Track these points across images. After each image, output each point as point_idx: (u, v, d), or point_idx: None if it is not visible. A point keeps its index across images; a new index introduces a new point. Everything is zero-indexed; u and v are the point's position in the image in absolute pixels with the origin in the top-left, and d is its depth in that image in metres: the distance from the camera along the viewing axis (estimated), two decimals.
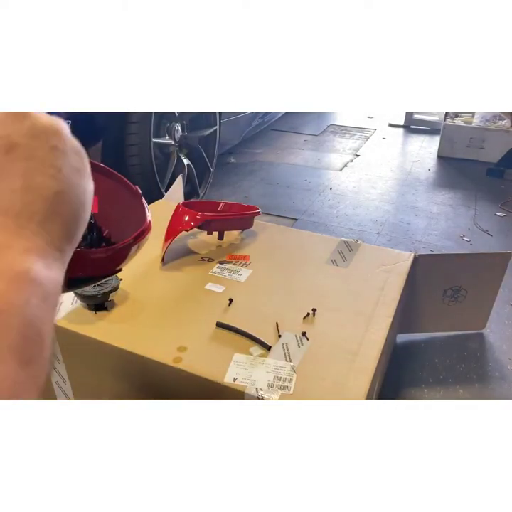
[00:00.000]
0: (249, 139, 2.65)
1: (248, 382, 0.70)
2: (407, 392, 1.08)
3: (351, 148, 2.85)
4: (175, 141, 1.77)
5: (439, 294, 1.17)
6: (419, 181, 2.39)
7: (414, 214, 2.02)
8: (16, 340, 0.21)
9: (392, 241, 1.78)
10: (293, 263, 1.05)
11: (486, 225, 1.94)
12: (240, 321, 0.82)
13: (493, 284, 1.19)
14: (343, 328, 0.84)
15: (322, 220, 1.93)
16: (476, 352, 1.21)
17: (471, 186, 2.31)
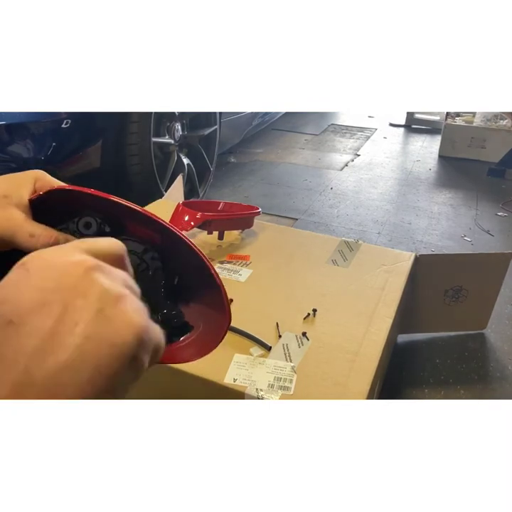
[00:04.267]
0: (249, 138, 2.65)
1: (248, 383, 0.70)
2: (407, 393, 1.08)
3: (352, 148, 2.84)
4: (175, 140, 1.77)
5: (440, 294, 1.17)
6: (420, 181, 2.38)
7: (415, 214, 2.02)
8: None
9: (392, 241, 1.78)
10: (293, 263, 1.05)
11: (487, 225, 1.93)
12: (240, 321, 0.82)
13: (494, 284, 1.19)
14: (343, 328, 0.84)
15: (322, 220, 1.93)
16: (477, 352, 1.21)
17: (472, 186, 2.31)
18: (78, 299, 0.24)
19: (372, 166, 2.57)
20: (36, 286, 0.24)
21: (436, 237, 1.82)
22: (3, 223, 0.38)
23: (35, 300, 0.24)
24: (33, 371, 0.23)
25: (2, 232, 0.38)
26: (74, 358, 0.23)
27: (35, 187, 0.41)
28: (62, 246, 0.27)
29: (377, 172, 2.48)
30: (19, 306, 0.24)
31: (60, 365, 0.23)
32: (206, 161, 1.97)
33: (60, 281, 0.25)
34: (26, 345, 0.23)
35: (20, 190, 0.40)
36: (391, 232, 1.85)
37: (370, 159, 2.66)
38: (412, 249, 1.71)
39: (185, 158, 1.86)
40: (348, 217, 1.97)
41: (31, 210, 0.40)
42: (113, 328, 0.24)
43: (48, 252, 0.26)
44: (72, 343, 0.23)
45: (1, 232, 0.38)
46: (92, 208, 0.41)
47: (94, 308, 0.24)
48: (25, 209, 0.40)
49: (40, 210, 0.40)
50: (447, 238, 1.82)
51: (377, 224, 1.91)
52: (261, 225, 1.20)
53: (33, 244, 0.39)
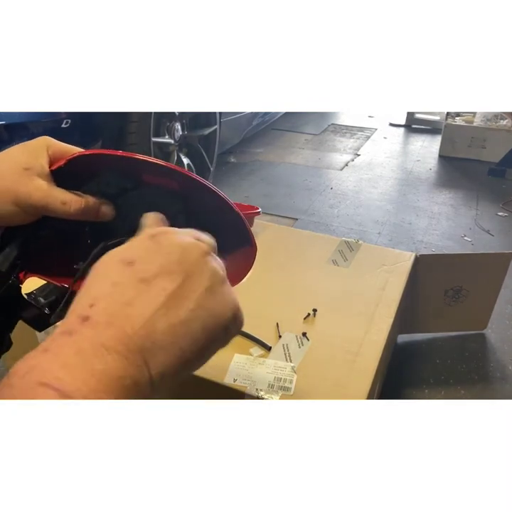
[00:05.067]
0: (249, 138, 2.65)
1: (248, 383, 0.70)
2: (408, 393, 1.08)
3: (352, 148, 2.84)
4: (175, 140, 1.77)
5: (440, 294, 1.17)
6: (420, 181, 2.38)
7: (416, 214, 2.02)
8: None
9: (393, 241, 1.78)
10: (293, 263, 1.05)
11: (488, 225, 1.93)
12: None
13: (494, 284, 1.19)
14: (343, 328, 0.84)
15: (323, 220, 1.93)
16: (477, 352, 1.21)
17: (473, 186, 2.31)
18: (195, 274, 0.30)
19: (373, 165, 2.57)
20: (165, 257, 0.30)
21: (436, 237, 1.82)
22: (34, 194, 0.41)
23: (163, 267, 0.30)
24: (154, 324, 0.28)
25: (34, 203, 0.41)
26: (188, 318, 0.29)
27: (48, 154, 0.43)
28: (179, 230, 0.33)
29: (378, 172, 2.48)
30: (149, 269, 0.30)
31: (177, 319, 0.29)
32: (206, 160, 1.97)
33: (183, 256, 0.31)
34: (154, 301, 0.29)
35: (39, 160, 0.43)
36: (391, 232, 1.85)
37: (371, 159, 2.66)
38: (413, 249, 1.71)
39: (185, 158, 1.86)
40: (348, 217, 1.97)
41: (52, 177, 0.43)
42: (217, 302, 0.31)
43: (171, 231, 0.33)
44: (188, 306, 0.29)
45: (34, 203, 0.41)
46: (109, 167, 0.44)
47: (205, 284, 0.31)
48: (48, 178, 0.43)
49: (60, 175, 0.43)
50: (447, 238, 1.82)
51: (378, 224, 1.91)
52: (261, 225, 1.20)
53: (66, 210, 0.42)
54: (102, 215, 0.45)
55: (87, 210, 0.44)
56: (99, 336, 0.27)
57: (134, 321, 0.28)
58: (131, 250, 0.31)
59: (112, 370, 0.26)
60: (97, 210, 0.45)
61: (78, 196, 0.43)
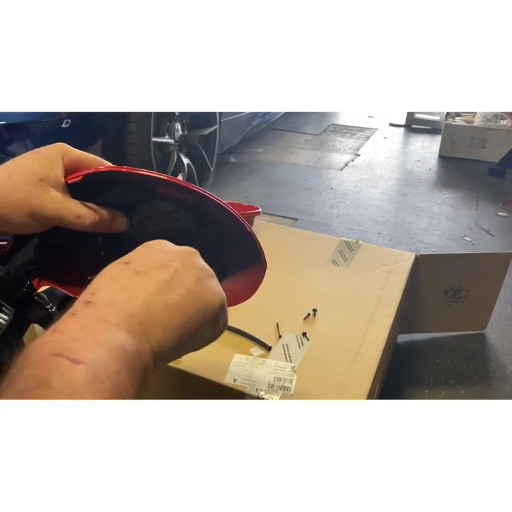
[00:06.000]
0: (249, 138, 2.65)
1: (248, 383, 0.70)
2: (408, 393, 1.08)
3: (352, 148, 2.84)
4: (175, 140, 1.77)
5: (440, 294, 1.17)
6: (420, 181, 2.38)
7: (416, 214, 2.02)
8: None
9: (393, 241, 1.78)
10: (293, 263, 1.05)
11: (488, 225, 1.93)
12: (240, 321, 0.82)
13: (494, 284, 1.18)
14: (343, 328, 0.84)
15: (323, 220, 1.93)
16: (477, 352, 1.21)
17: (473, 186, 2.31)
18: (185, 268, 0.35)
19: (373, 165, 2.57)
20: (157, 256, 0.35)
21: (436, 237, 1.82)
22: (48, 207, 0.42)
23: (158, 261, 0.35)
24: (151, 304, 0.32)
25: (49, 215, 0.42)
26: (180, 302, 0.34)
27: (64, 163, 0.43)
28: (165, 241, 0.38)
29: (378, 172, 2.48)
30: (144, 265, 0.34)
31: (172, 301, 0.33)
32: (206, 160, 1.97)
33: (174, 255, 0.36)
34: (150, 287, 0.33)
35: (54, 170, 0.42)
36: (391, 232, 1.85)
37: (371, 159, 2.66)
38: (413, 249, 1.71)
39: (185, 158, 1.86)
40: (348, 217, 1.97)
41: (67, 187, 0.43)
42: (206, 291, 0.36)
43: (162, 241, 0.38)
44: (180, 291, 0.34)
45: (48, 215, 0.42)
46: (124, 181, 0.45)
47: (195, 276, 0.35)
48: (64, 189, 0.43)
49: (75, 186, 0.43)
50: (447, 238, 1.82)
51: (378, 224, 1.91)
52: (261, 225, 1.20)
53: (81, 223, 0.43)
54: (115, 228, 0.45)
55: (101, 223, 0.44)
56: (101, 314, 0.30)
57: (133, 301, 0.32)
58: (127, 255, 0.36)
59: (115, 341, 0.29)
60: (111, 223, 0.45)
61: (92, 210, 0.43)
